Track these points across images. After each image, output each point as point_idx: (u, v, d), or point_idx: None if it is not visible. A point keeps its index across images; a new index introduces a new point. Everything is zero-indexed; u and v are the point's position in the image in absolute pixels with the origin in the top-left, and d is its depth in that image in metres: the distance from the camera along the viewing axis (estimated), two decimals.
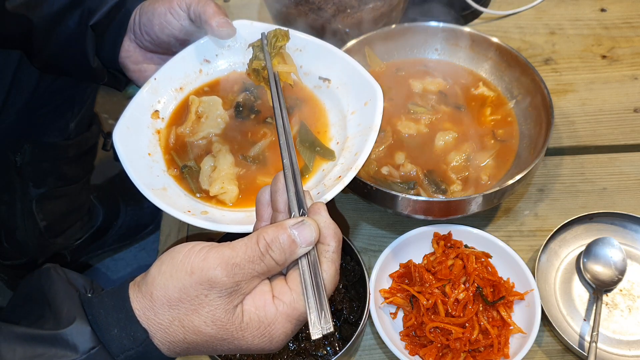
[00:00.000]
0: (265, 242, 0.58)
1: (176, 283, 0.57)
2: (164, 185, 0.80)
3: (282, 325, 0.59)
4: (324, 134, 0.87)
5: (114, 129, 0.81)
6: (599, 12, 1.34)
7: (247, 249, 0.58)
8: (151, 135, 0.85)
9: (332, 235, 0.60)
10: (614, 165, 1.10)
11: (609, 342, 0.91)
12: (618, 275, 0.95)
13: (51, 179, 1.37)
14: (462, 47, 1.11)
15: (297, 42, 0.90)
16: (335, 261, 0.60)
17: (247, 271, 0.57)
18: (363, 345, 0.91)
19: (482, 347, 0.87)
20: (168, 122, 0.87)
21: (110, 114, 2.03)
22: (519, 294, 0.90)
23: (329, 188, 0.75)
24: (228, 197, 0.80)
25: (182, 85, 0.89)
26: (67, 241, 1.56)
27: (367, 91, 0.85)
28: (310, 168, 0.83)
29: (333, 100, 0.89)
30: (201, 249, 0.58)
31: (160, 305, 0.58)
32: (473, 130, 1.03)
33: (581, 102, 1.19)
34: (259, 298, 0.59)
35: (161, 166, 0.83)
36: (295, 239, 0.58)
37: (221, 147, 0.85)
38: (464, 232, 0.96)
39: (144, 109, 0.86)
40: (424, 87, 1.08)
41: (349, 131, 0.85)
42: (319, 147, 0.84)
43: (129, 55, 0.92)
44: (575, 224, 0.99)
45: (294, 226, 0.59)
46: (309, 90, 0.92)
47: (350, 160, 0.80)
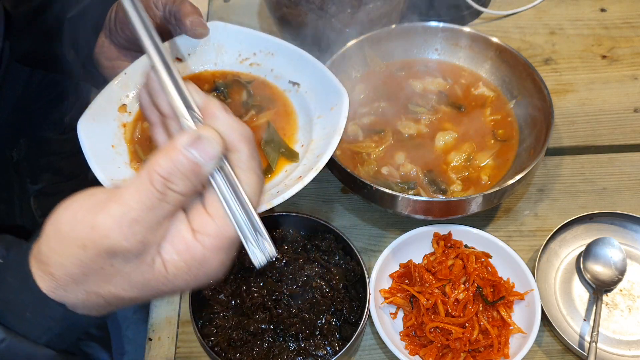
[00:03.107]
0: (161, 177, 0.47)
1: (72, 260, 0.49)
2: (124, 177, 0.81)
3: (214, 260, 0.50)
4: (291, 136, 0.89)
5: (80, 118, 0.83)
6: (599, 12, 1.34)
7: (140, 195, 0.47)
8: (117, 128, 0.86)
9: (239, 138, 0.50)
10: (614, 165, 1.10)
11: (609, 342, 0.91)
12: (618, 275, 0.95)
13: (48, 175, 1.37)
14: (462, 47, 1.11)
15: (269, 46, 0.94)
16: (253, 168, 0.51)
17: (149, 222, 0.48)
18: (363, 345, 0.91)
19: (482, 347, 0.87)
20: (135, 117, 0.89)
21: None
22: (519, 294, 0.90)
23: (288, 187, 0.77)
24: None
25: None
26: None
27: (334, 96, 0.87)
28: (273, 168, 0.84)
29: (301, 104, 0.91)
30: (85, 215, 0.49)
31: (65, 283, 0.50)
32: (473, 130, 1.03)
33: (581, 102, 1.19)
34: (177, 242, 0.50)
35: (124, 159, 0.84)
36: (196, 159, 0.47)
37: None
38: (464, 232, 0.96)
39: (112, 102, 0.87)
40: (424, 87, 1.08)
41: (314, 134, 0.87)
42: (283, 148, 0.86)
43: (102, 51, 0.92)
44: (575, 224, 0.99)
45: (191, 145, 0.48)
46: (280, 90, 0.93)
47: (312, 161, 0.81)
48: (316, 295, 0.88)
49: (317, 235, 0.94)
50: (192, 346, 0.92)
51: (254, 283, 0.89)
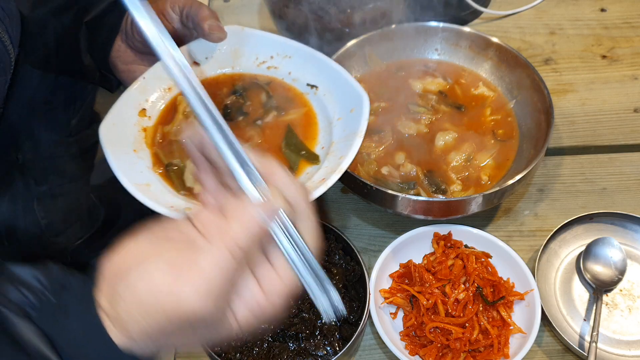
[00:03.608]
0: (238, 247, 0.50)
1: (154, 325, 0.50)
2: (147, 182, 0.81)
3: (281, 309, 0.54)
4: (312, 138, 0.88)
5: (101, 123, 0.82)
6: (599, 12, 1.34)
7: (219, 264, 0.49)
8: (137, 132, 0.86)
9: (295, 193, 0.54)
10: (614, 165, 1.10)
11: (609, 342, 0.91)
12: (618, 275, 0.95)
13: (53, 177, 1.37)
14: (462, 47, 1.11)
15: (286, 49, 0.94)
16: (310, 218, 0.54)
17: (227, 289, 0.51)
18: (363, 345, 0.91)
19: (482, 347, 0.87)
20: (155, 121, 0.88)
21: None
22: (519, 294, 0.90)
23: (312, 189, 0.77)
24: None
25: (171, 86, 0.91)
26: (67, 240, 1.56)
27: (353, 98, 0.87)
28: (295, 171, 0.84)
29: (320, 106, 0.91)
30: (164, 280, 0.49)
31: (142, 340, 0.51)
32: (473, 130, 1.03)
33: (581, 102, 1.19)
34: (249, 299, 0.53)
35: (146, 163, 0.84)
36: (267, 224, 0.52)
37: None
38: (464, 232, 0.96)
39: (131, 107, 0.87)
40: (424, 87, 1.08)
41: (334, 136, 0.86)
42: (304, 150, 0.86)
43: (119, 55, 0.92)
44: (575, 224, 0.99)
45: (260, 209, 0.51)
46: (299, 92, 0.93)
47: (334, 163, 0.81)
48: None
49: None
50: None
51: None
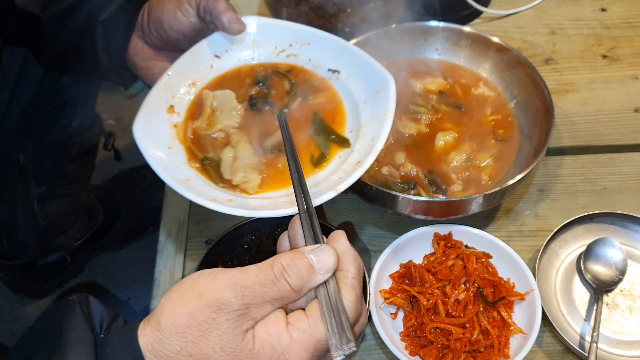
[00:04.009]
0: (281, 265, 0.56)
1: (184, 308, 0.55)
2: (187, 177, 0.81)
3: (297, 355, 0.55)
4: (340, 123, 0.88)
5: (133, 123, 0.81)
6: (599, 11, 1.34)
7: (259, 272, 0.56)
8: (169, 129, 0.86)
9: (351, 261, 0.59)
10: (615, 165, 1.10)
11: (610, 343, 0.91)
12: (619, 275, 0.94)
13: (53, 178, 1.37)
14: (463, 47, 1.11)
15: (304, 36, 0.93)
16: (355, 287, 0.58)
17: (259, 294, 0.55)
18: (363, 346, 0.91)
19: (483, 347, 0.87)
20: (184, 117, 0.88)
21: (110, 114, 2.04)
22: (519, 294, 0.90)
23: (350, 173, 0.77)
24: (250, 186, 0.81)
25: (195, 81, 0.91)
26: (67, 241, 1.57)
27: (377, 80, 0.86)
28: (327, 155, 0.84)
29: (344, 91, 0.91)
30: (210, 272, 0.56)
31: (168, 334, 0.55)
32: (473, 130, 1.03)
33: (582, 102, 1.19)
34: (272, 324, 0.56)
35: (182, 159, 0.84)
36: (313, 264, 0.56)
37: (239, 138, 0.86)
38: (464, 232, 0.96)
39: (159, 104, 0.87)
40: (424, 87, 1.08)
41: (362, 119, 0.86)
42: (333, 135, 0.86)
43: (137, 52, 0.93)
44: (576, 224, 0.99)
45: (312, 251, 0.57)
46: (320, 77, 0.92)
47: (367, 146, 0.81)
48: None
49: None
50: None
51: None
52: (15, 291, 1.67)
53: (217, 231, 1.01)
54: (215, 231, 1.02)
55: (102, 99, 2.08)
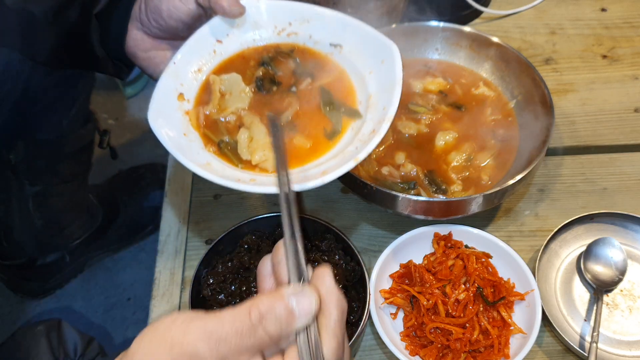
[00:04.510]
0: (259, 312, 0.52)
1: (157, 356, 0.52)
2: (207, 161, 0.81)
3: None
4: (348, 96, 0.88)
5: (148, 114, 0.82)
6: (599, 11, 1.34)
7: (235, 320, 0.51)
8: (181, 117, 0.87)
9: (334, 303, 0.55)
10: (615, 165, 1.10)
11: (610, 343, 0.91)
12: (619, 275, 0.95)
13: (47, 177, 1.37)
14: (463, 47, 1.11)
15: (303, 13, 0.93)
16: (337, 334, 0.54)
17: (234, 346, 0.51)
18: (363, 346, 0.91)
19: (483, 347, 0.87)
20: (194, 103, 0.89)
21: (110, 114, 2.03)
22: (519, 294, 0.90)
23: (366, 142, 0.77)
24: (270, 164, 0.82)
25: (200, 67, 0.91)
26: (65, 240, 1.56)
27: (381, 50, 0.86)
28: (339, 129, 0.84)
29: (348, 64, 0.91)
30: (184, 321, 0.52)
31: None
32: (473, 130, 1.03)
33: (582, 102, 1.19)
34: None
35: (199, 144, 0.84)
36: (293, 309, 0.52)
37: (252, 119, 0.87)
38: (464, 232, 0.96)
39: (169, 93, 0.87)
40: (424, 87, 1.08)
41: (370, 89, 0.86)
42: (343, 108, 0.86)
43: (137, 44, 0.93)
44: (576, 224, 0.99)
45: (293, 295, 0.53)
46: (323, 54, 0.93)
47: (379, 114, 0.81)
48: None
49: (317, 235, 0.94)
50: None
51: (254, 283, 0.89)
52: (15, 291, 1.67)
53: (217, 231, 1.01)
54: (215, 231, 1.02)
55: (102, 99, 2.08)
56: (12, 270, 1.60)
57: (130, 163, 1.83)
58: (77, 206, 1.53)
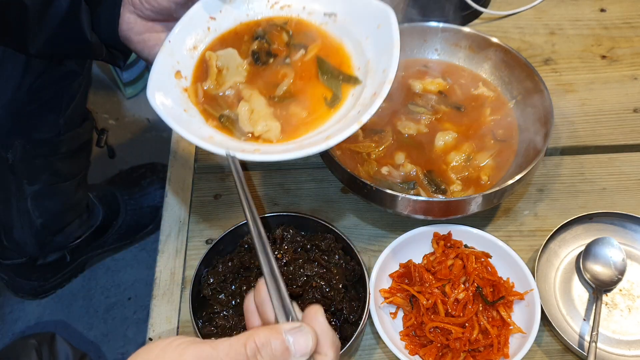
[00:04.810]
0: (255, 345, 0.51)
1: None
2: (209, 135, 0.82)
3: None
4: (345, 65, 0.88)
5: (147, 92, 0.82)
6: (598, 12, 1.35)
7: (231, 349, 0.51)
8: (180, 94, 0.87)
9: (329, 344, 0.54)
10: (614, 165, 1.10)
11: (609, 342, 0.91)
12: (618, 275, 0.95)
13: (45, 176, 1.37)
14: (462, 47, 1.11)
15: None
16: None
17: None
18: (363, 345, 0.92)
19: (482, 346, 0.87)
20: (192, 80, 0.89)
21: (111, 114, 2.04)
22: (518, 294, 0.90)
23: (367, 106, 0.78)
24: (273, 134, 0.82)
25: (195, 44, 0.91)
26: (66, 240, 1.57)
27: (376, 15, 0.86)
28: (340, 96, 0.84)
29: (343, 32, 0.90)
30: (179, 345, 0.52)
31: None
32: (473, 130, 1.03)
33: (581, 102, 1.19)
34: None
35: (199, 120, 0.84)
36: (289, 346, 0.52)
37: (251, 91, 0.87)
38: (463, 232, 0.96)
39: (167, 71, 0.87)
40: (423, 87, 1.08)
41: (368, 55, 0.86)
42: (341, 75, 0.86)
43: (130, 27, 0.92)
44: (575, 224, 0.99)
45: (290, 331, 0.52)
46: (316, 27, 0.93)
47: (379, 77, 0.81)
48: (316, 295, 0.88)
49: (317, 235, 0.94)
50: None
51: (254, 283, 0.89)
52: (15, 291, 1.67)
53: (218, 231, 1.01)
54: (215, 231, 1.03)
55: (102, 99, 2.09)
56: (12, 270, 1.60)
57: (131, 163, 1.84)
58: (76, 205, 1.53)
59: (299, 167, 1.11)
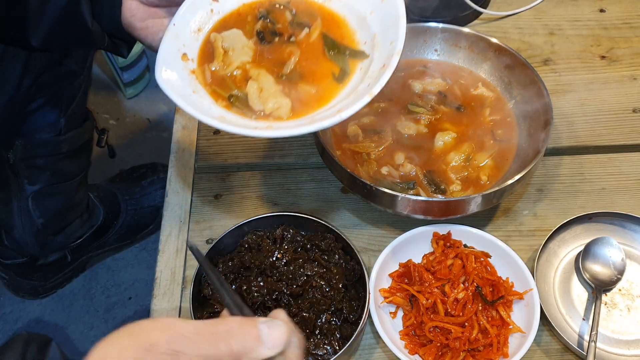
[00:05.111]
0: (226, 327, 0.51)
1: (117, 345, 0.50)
2: (220, 115, 0.82)
3: None
4: (350, 41, 0.88)
5: (155, 74, 0.82)
6: (598, 12, 1.35)
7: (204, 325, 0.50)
8: (188, 75, 0.87)
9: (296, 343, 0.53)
10: (613, 165, 1.11)
11: (608, 342, 0.92)
12: (617, 275, 0.95)
13: (45, 176, 1.37)
14: (462, 48, 1.11)
15: None
16: None
17: (193, 345, 0.49)
18: (363, 345, 0.92)
19: (482, 346, 0.87)
20: (198, 62, 0.89)
21: (112, 114, 2.04)
22: (518, 294, 0.90)
23: (377, 78, 0.77)
24: (284, 111, 0.82)
25: (199, 27, 0.91)
26: (66, 239, 1.57)
27: None
28: (348, 71, 0.84)
29: (347, 8, 0.90)
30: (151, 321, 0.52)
31: None
32: (472, 130, 1.03)
33: (580, 102, 1.20)
34: None
35: (209, 101, 0.85)
36: (261, 335, 0.51)
37: (258, 70, 0.87)
38: (463, 231, 0.96)
39: (173, 54, 0.87)
40: (423, 87, 1.09)
41: (374, 29, 0.86)
42: (347, 50, 0.86)
43: (133, 14, 0.92)
44: (574, 223, 1.00)
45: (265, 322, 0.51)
46: (319, 4, 0.92)
47: (387, 50, 0.81)
48: (316, 294, 0.88)
49: (317, 235, 0.94)
50: None
51: (255, 282, 0.89)
52: (16, 291, 1.67)
53: (218, 231, 1.01)
54: (215, 231, 1.03)
55: (103, 99, 2.09)
56: (13, 270, 1.60)
57: (132, 163, 1.84)
58: (77, 205, 1.53)
59: (299, 167, 1.11)
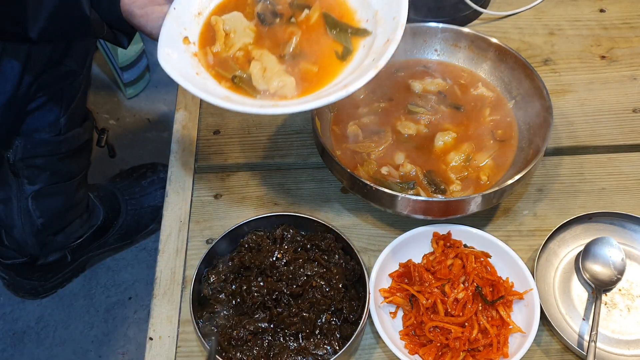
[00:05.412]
0: None
1: None
2: (225, 95, 0.82)
3: None
4: (352, 19, 0.88)
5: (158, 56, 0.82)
6: (598, 12, 1.35)
7: None
8: (190, 58, 0.87)
9: None
10: (613, 165, 1.11)
11: (608, 342, 0.92)
12: (617, 275, 0.95)
13: (45, 176, 1.37)
14: (462, 48, 1.11)
15: None
16: None
17: None
18: (363, 345, 0.92)
19: (482, 346, 0.87)
20: (199, 45, 0.89)
21: (112, 114, 2.04)
22: (518, 294, 0.90)
23: (382, 53, 0.77)
24: (288, 89, 0.82)
25: (200, 11, 0.91)
26: (66, 239, 1.57)
27: None
28: (351, 48, 0.84)
29: None
30: None
31: None
32: (472, 130, 1.03)
33: (580, 102, 1.20)
34: None
35: (212, 82, 0.85)
36: None
37: (261, 51, 0.87)
38: (463, 231, 0.96)
39: (174, 37, 0.87)
40: (423, 87, 1.09)
41: (375, 6, 0.86)
42: (349, 29, 0.86)
43: (132, 1, 0.92)
44: (574, 223, 1.00)
45: None
46: None
47: (390, 25, 0.81)
48: (316, 294, 0.88)
49: (317, 235, 0.94)
50: (193, 345, 0.93)
51: (255, 282, 0.89)
52: (16, 290, 1.67)
53: (218, 230, 1.01)
54: (215, 231, 1.03)
55: (103, 99, 2.09)
56: (13, 270, 1.60)
57: (132, 163, 1.84)
58: (77, 205, 1.53)
59: (299, 167, 1.11)
